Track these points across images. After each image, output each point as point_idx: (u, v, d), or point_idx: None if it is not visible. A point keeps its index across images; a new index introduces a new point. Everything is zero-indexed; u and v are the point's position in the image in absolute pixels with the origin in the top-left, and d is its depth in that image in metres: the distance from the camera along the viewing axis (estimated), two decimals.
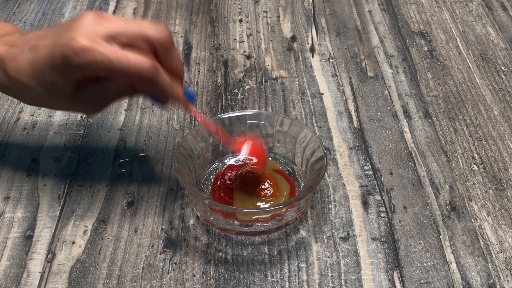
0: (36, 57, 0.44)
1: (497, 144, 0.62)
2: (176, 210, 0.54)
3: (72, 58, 0.42)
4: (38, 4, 0.85)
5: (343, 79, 0.71)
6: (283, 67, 0.73)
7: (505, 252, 0.51)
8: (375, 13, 0.84)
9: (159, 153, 0.60)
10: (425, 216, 0.54)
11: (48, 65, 0.43)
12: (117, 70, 0.43)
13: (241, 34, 0.79)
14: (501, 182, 0.58)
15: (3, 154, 0.60)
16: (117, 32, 0.43)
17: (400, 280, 0.49)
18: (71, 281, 0.48)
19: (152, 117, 0.65)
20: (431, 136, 0.63)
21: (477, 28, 0.81)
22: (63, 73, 0.44)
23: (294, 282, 0.49)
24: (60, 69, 0.43)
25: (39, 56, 0.44)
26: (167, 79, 0.45)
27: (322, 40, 0.78)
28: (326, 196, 0.56)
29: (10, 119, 0.64)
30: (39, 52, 0.44)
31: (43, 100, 0.48)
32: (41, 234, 0.52)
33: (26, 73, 0.45)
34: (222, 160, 0.58)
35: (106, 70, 0.43)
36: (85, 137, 0.62)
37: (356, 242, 0.52)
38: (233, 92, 0.69)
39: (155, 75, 0.44)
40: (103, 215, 0.54)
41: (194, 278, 0.49)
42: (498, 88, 0.70)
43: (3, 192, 0.56)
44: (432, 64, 0.74)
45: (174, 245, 0.51)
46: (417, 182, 0.58)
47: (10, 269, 0.49)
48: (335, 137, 0.63)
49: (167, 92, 0.46)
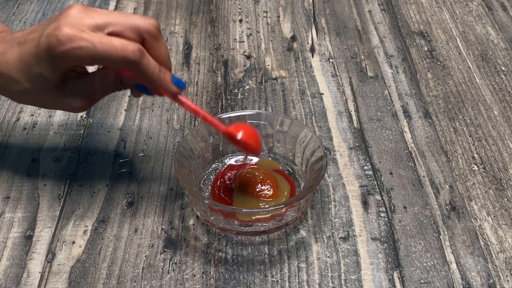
0: (23, 50, 0.45)
1: (497, 144, 0.62)
2: (176, 210, 0.54)
3: (56, 47, 0.42)
4: (38, 4, 0.85)
5: (343, 79, 0.71)
6: (283, 67, 0.73)
7: (505, 252, 0.51)
8: (375, 13, 0.84)
9: (159, 153, 0.60)
10: (425, 216, 0.54)
11: (35, 57, 0.44)
12: (101, 56, 0.43)
13: (241, 34, 0.79)
14: (501, 182, 0.58)
15: (3, 154, 0.60)
16: (104, 23, 0.44)
17: (400, 280, 0.49)
18: (71, 281, 0.48)
19: (152, 117, 0.65)
20: (431, 136, 0.63)
21: (477, 28, 0.81)
22: (49, 64, 0.44)
23: (294, 282, 0.49)
24: (45, 59, 0.43)
25: (26, 49, 0.44)
26: (153, 61, 0.45)
27: (322, 40, 0.78)
28: (326, 196, 0.56)
29: (10, 119, 0.64)
30: (26, 45, 0.45)
31: (32, 96, 0.47)
32: (41, 234, 0.52)
33: (14, 66, 0.45)
34: (222, 160, 0.58)
35: (90, 57, 0.43)
36: (85, 137, 0.62)
37: (356, 242, 0.52)
38: (233, 92, 0.69)
39: (140, 58, 0.44)
40: (103, 215, 0.54)
41: (194, 278, 0.49)
42: (498, 88, 0.70)
43: (3, 192, 0.56)
44: (432, 64, 0.74)
45: (174, 245, 0.51)
46: (417, 182, 0.58)
47: (10, 269, 0.49)
48: (335, 137, 0.63)
49: (154, 75, 0.45)
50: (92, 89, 0.48)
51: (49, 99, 0.47)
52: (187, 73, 0.72)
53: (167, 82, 0.47)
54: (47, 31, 0.43)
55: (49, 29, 0.43)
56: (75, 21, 0.43)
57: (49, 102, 0.48)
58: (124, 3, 0.85)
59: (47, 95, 0.47)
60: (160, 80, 0.46)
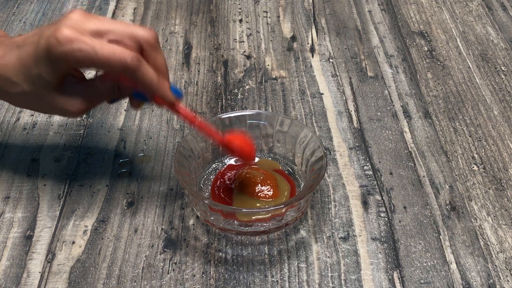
0: (23, 52, 0.45)
1: (497, 144, 0.62)
2: (176, 210, 0.54)
3: (56, 47, 0.42)
4: (38, 4, 0.85)
5: (343, 79, 0.71)
6: (283, 67, 0.73)
7: (505, 252, 0.51)
8: (375, 13, 0.84)
9: (159, 153, 0.60)
10: (425, 216, 0.54)
11: (34, 58, 0.44)
12: (101, 60, 0.43)
13: (241, 34, 0.79)
14: (501, 182, 0.58)
15: (3, 154, 0.60)
16: (104, 29, 0.44)
17: (400, 280, 0.49)
18: (71, 281, 0.48)
19: (152, 117, 0.65)
20: (431, 136, 0.63)
21: (477, 28, 0.81)
22: (48, 65, 0.44)
23: (294, 282, 0.49)
24: (45, 60, 0.44)
25: (25, 51, 0.45)
26: (151, 70, 0.46)
27: (322, 40, 0.78)
28: (326, 196, 0.56)
29: (10, 119, 0.64)
30: (26, 48, 0.45)
31: (29, 98, 0.47)
32: (41, 234, 0.52)
33: (13, 68, 0.45)
34: (222, 160, 0.58)
35: (90, 60, 0.43)
36: (85, 137, 0.62)
37: (356, 242, 0.52)
38: (233, 92, 0.69)
39: (138, 65, 0.44)
40: (103, 215, 0.54)
41: (194, 278, 0.49)
42: (498, 88, 0.70)
43: (3, 192, 0.56)
44: (432, 64, 0.74)
45: (174, 245, 0.51)
46: (417, 182, 0.58)
47: (10, 269, 0.49)
48: (335, 137, 0.63)
49: (152, 83, 0.46)
50: (89, 94, 0.48)
51: (46, 102, 0.47)
52: (187, 73, 0.72)
53: (165, 90, 0.47)
54: (47, 33, 0.43)
55: (49, 31, 0.43)
56: (76, 24, 0.43)
57: (46, 106, 0.48)
58: (124, 3, 0.85)
59: (45, 97, 0.47)
60: (158, 87, 0.46)
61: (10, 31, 0.79)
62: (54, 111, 0.49)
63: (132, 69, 0.44)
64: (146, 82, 0.45)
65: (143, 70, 0.45)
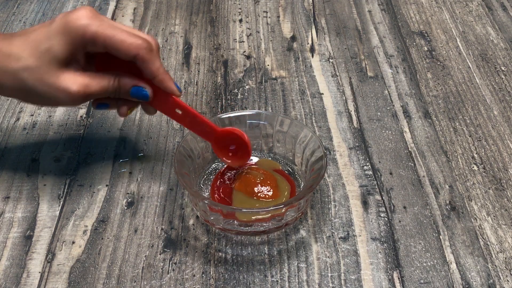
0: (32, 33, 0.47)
1: (497, 144, 0.62)
2: (176, 210, 0.54)
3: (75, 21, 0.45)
4: (38, 4, 0.85)
5: (343, 79, 0.71)
6: (283, 67, 0.73)
7: (505, 252, 0.51)
8: (375, 13, 0.84)
9: (159, 153, 0.60)
10: (425, 216, 0.54)
11: (45, 34, 0.46)
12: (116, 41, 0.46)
13: (241, 34, 0.79)
14: (501, 182, 0.58)
15: (3, 154, 0.60)
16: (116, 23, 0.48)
17: (400, 280, 0.49)
18: (71, 281, 0.48)
19: (152, 117, 0.65)
20: (431, 136, 0.63)
21: (477, 28, 0.81)
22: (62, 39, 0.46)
23: (294, 282, 0.49)
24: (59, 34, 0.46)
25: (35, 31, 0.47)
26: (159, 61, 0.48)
27: (322, 40, 0.78)
28: (326, 196, 0.56)
29: (10, 119, 0.64)
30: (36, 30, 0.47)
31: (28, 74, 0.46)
32: (41, 234, 0.52)
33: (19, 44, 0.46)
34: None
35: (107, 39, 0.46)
36: (85, 137, 0.62)
37: (356, 242, 0.52)
38: (233, 92, 0.69)
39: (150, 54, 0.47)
40: (103, 215, 0.54)
41: (194, 278, 0.49)
42: (498, 88, 0.70)
43: (3, 192, 0.56)
44: (432, 64, 0.74)
45: (174, 245, 0.51)
46: (417, 182, 0.58)
47: (10, 269, 0.49)
48: (335, 137, 0.63)
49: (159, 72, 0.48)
50: (91, 76, 0.48)
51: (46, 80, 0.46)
52: (187, 73, 0.72)
53: (170, 82, 0.50)
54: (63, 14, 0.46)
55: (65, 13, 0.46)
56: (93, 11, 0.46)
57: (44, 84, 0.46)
58: (124, 3, 0.85)
59: (47, 74, 0.46)
60: (164, 77, 0.49)
61: (10, 31, 0.79)
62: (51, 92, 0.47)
63: (144, 55, 0.47)
64: (153, 70, 0.48)
65: (153, 58, 0.47)
